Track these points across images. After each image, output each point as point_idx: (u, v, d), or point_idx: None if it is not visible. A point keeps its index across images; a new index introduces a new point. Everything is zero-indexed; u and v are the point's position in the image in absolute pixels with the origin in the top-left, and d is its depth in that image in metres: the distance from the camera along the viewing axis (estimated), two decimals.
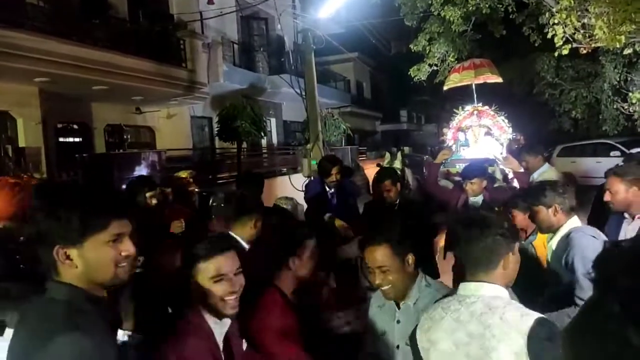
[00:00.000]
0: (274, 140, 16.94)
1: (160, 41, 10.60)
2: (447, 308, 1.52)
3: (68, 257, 1.15)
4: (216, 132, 10.73)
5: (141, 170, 6.08)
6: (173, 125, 12.60)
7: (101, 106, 10.65)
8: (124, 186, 5.95)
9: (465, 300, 1.48)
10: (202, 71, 11.36)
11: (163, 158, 6.67)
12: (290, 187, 8.11)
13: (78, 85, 8.76)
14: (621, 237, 2.72)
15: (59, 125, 10.09)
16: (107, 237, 1.19)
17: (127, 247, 1.22)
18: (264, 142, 15.19)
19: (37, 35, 7.19)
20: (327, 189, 4.40)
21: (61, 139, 10.16)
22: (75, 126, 10.66)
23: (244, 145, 11.02)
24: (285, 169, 13.51)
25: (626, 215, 2.73)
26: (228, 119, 9.85)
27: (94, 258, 1.17)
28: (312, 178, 5.40)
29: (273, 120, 16.78)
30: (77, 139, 10.68)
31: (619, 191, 2.62)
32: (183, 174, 4.20)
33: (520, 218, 3.21)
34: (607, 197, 2.70)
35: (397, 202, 4.02)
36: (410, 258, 1.89)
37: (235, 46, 14.49)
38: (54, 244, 1.14)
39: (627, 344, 0.40)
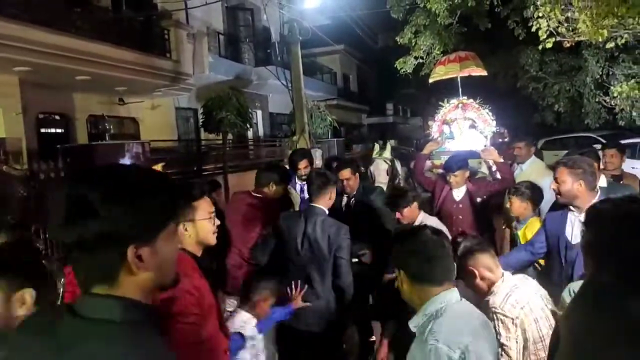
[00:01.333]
0: (260, 132, 16.86)
1: (144, 31, 10.46)
2: None
3: (140, 259, 0.92)
4: (201, 124, 10.64)
5: (124, 162, 6.01)
6: (157, 117, 12.46)
7: (84, 97, 10.48)
8: None
9: None
10: (187, 62, 11.23)
11: (147, 149, 6.59)
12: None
13: (60, 75, 8.60)
14: (568, 229, 2.73)
15: (40, 116, 9.91)
16: (174, 228, 1.01)
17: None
18: (250, 133, 15.11)
19: (17, 23, 7.03)
20: (298, 182, 4.38)
21: (42, 130, 9.98)
22: (57, 117, 10.48)
23: (230, 136, 10.94)
24: (271, 161, 13.47)
25: (572, 207, 2.73)
26: (213, 110, 9.77)
27: (165, 256, 0.97)
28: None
29: (259, 112, 16.70)
30: (58, 130, 10.50)
31: (566, 182, 2.64)
32: (156, 167, 4.14)
33: (517, 205, 3.35)
34: (553, 185, 2.72)
35: (355, 193, 3.99)
36: None
37: (221, 37, 14.34)
38: (127, 244, 0.90)
39: (625, 316, 0.40)
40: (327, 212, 3.01)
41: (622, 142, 10.74)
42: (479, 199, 4.07)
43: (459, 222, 4.06)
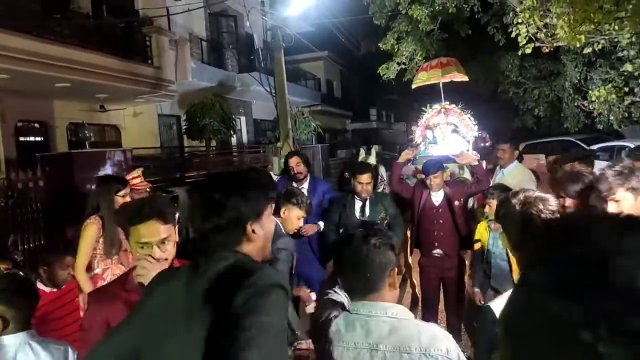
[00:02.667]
0: (244, 138, 16.79)
1: (125, 37, 10.36)
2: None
3: (254, 231, 1.37)
4: (184, 131, 10.55)
5: (106, 170, 5.90)
6: (140, 124, 12.32)
7: (64, 104, 10.32)
8: (88, 186, 5.77)
9: None
10: (169, 68, 11.14)
11: (129, 157, 6.49)
12: None
13: (39, 82, 8.45)
14: None
15: (19, 124, 9.72)
16: (270, 211, 1.47)
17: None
18: (234, 140, 15.05)
19: None
20: (295, 184, 4.35)
21: (21, 138, 9.79)
22: (36, 124, 10.29)
23: (213, 143, 10.89)
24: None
25: None
26: (196, 117, 9.71)
27: (267, 228, 1.44)
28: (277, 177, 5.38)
29: (243, 118, 16.64)
30: (38, 138, 10.32)
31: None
32: (135, 172, 4.05)
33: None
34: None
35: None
36: None
37: (204, 43, 14.27)
38: (247, 221, 1.36)
39: (549, 318, 0.41)
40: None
41: (603, 145, 11.02)
42: (457, 203, 4.10)
43: (440, 227, 4.08)
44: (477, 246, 3.77)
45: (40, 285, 2.81)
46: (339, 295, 1.72)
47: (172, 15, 11.70)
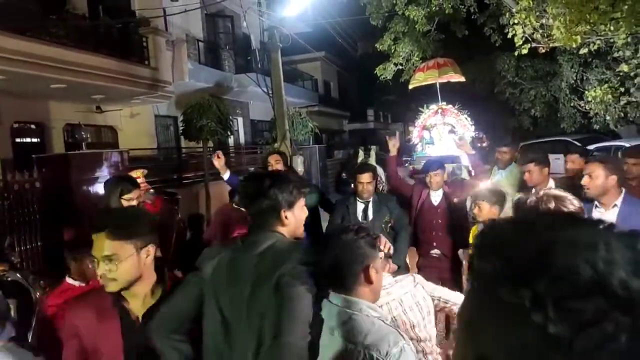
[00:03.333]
0: (242, 139, 16.77)
1: (122, 38, 10.32)
2: None
3: (286, 217, 1.78)
4: (181, 132, 10.53)
5: (102, 171, 5.89)
6: (136, 125, 12.29)
7: (60, 105, 10.29)
8: (84, 187, 5.77)
9: None
10: (166, 69, 11.12)
11: (125, 158, 6.48)
12: None
13: (35, 84, 8.42)
14: None
15: (15, 125, 9.68)
16: (302, 203, 1.86)
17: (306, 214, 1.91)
18: (231, 141, 15.02)
19: None
20: None
21: (17, 139, 9.76)
22: (32, 126, 10.25)
23: (211, 144, 10.87)
24: (252, 168, 13.41)
25: (597, 203, 2.79)
26: (193, 117, 9.69)
27: (298, 216, 1.83)
28: None
29: (240, 119, 16.62)
30: (34, 139, 10.28)
31: (599, 176, 2.70)
32: (135, 174, 3.99)
33: (487, 210, 3.24)
34: (585, 180, 2.77)
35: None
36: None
37: (201, 44, 14.25)
38: (281, 208, 1.77)
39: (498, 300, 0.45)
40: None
41: (599, 145, 11.05)
42: (455, 199, 4.10)
43: (438, 227, 4.09)
44: (470, 251, 3.68)
45: (69, 280, 2.84)
46: None
47: (169, 16, 11.68)
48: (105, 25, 10.12)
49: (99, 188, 5.82)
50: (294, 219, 1.81)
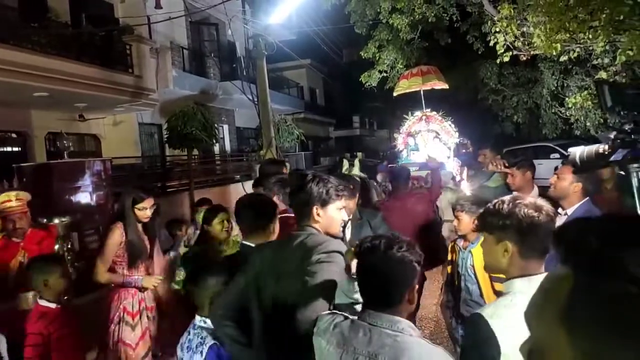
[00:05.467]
0: (227, 146, 16.70)
1: (105, 46, 10.24)
2: None
3: (318, 214, 1.93)
4: (165, 140, 10.45)
5: (84, 180, 5.81)
6: (120, 133, 12.17)
7: (42, 113, 10.14)
8: (66, 197, 5.68)
9: None
10: (150, 77, 11.05)
11: (108, 167, 6.40)
12: (243, 194, 8.03)
13: (16, 92, 8.30)
14: None
15: None
16: (339, 207, 1.98)
17: (345, 217, 2.03)
18: (216, 148, 14.95)
19: None
20: None
21: None
22: (13, 135, 10.09)
23: (196, 152, 10.80)
24: (238, 176, 13.35)
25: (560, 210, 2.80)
26: (177, 125, 9.62)
27: (331, 216, 1.95)
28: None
29: (225, 126, 16.56)
30: (15, 148, 10.11)
31: (566, 180, 2.75)
32: (5, 197, 3.54)
33: (466, 222, 2.98)
34: (552, 179, 2.83)
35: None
36: None
37: (185, 52, 14.20)
38: (313, 204, 1.92)
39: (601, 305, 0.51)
40: None
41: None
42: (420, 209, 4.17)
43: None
44: (448, 269, 3.32)
45: (43, 302, 2.69)
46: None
47: (153, 24, 11.62)
48: (88, 33, 10.04)
49: (80, 197, 5.73)
50: (327, 217, 1.94)
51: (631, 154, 1.56)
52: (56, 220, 4.03)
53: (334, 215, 1.97)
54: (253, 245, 2.35)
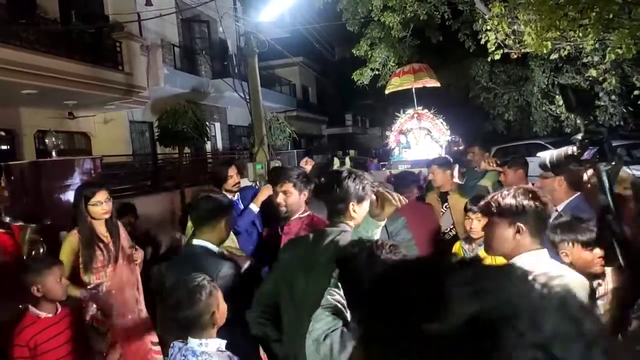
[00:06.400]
0: (219, 144, 16.64)
1: (95, 43, 10.15)
2: None
3: (354, 211, 1.94)
4: (157, 137, 10.39)
5: (74, 179, 5.75)
6: (110, 131, 12.08)
7: (31, 111, 10.04)
8: (55, 195, 5.62)
9: None
10: (140, 74, 10.96)
11: (98, 165, 6.35)
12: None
13: (4, 89, 8.20)
14: None
15: None
16: (374, 204, 1.87)
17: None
18: (208, 146, 14.88)
19: None
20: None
21: None
22: (2, 133, 9.98)
23: (187, 150, 10.74)
24: None
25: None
26: (168, 123, 9.56)
27: (366, 212, 1.89)
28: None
29: (217, 124, 16.49)
30: (4, 147, 10.00)
31: (549, 176, 2.82)
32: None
33: (478, 224, 2.96)
34: (537, 183, 2.92)
35: None
36: None
37: (176, 49, 14.11)
38: (350, 201, 1.93)
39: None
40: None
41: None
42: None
43: None
44: None
45: (34, 311, 2.51)
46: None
47: (144, 21, 11.52)
48: (78, 30, 9.94)
49: (70, 196, 5.68)
50: (362, 213, 1.94)
51: (598, 153, 1.61)
52: (20, 223, 3.66)
53: (366, 210, 1.99)
54: (203, 243, 2.35)
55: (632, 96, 8.76)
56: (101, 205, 3.05)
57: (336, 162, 8.43)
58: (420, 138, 8.21)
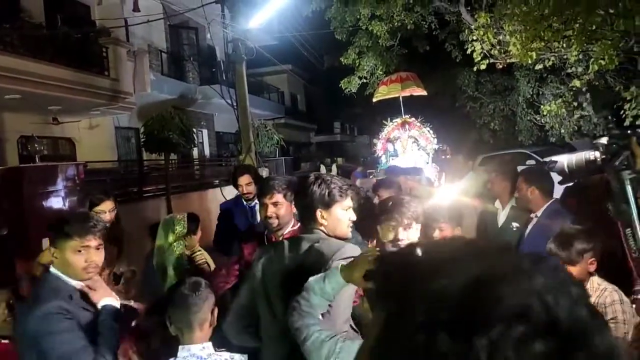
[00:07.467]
0: (206, 151, 16.53)
1: (81, 48, 10.04)
2: None
3: (322, 217, 1.86)
4: (142, 144, 10.28)
5: (57, 185, 5.65)
6: (96, 137, 11.93)
7: (14, 116, 9.87)
8: (38, 202, 5.52)
9: None
10: (127, 80, 10.87)
11: (82, 171, 6.25)
12: (222, 200, 7.92)
13: None
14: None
15: None
16: (345, 207, 1.89)
17: (353, 216, 1.94)
18: (195, 153, 14.78)
19: None
20: (245, 204, 3.76)
21: None
22: None
23: (174, 156, 10.65)
24: (217, 181, 13.21)
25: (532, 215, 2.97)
26: (155, 129, 9.48)
27: (337, 218, 1.88)
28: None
29: (205, 131, 16.40)
30: None
31: (522, 189, 2.96)
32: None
33: (450, 234, 2.84)
34: (516, 194, 3.07)
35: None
36: None
37: (164, 55, 14.04)
38: (316, 208, 1.86)
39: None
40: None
41: (556, 157, 11.47)
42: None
43: None
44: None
45: None
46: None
47: (131, 27, 11.46)
48: (64, 35, 9.83)
49: (53, 202, 5.58)
50: (332, 219, 1.87)
51: (625, 161, 1.53)
52: None
53: (340, 217, 1.89)
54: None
55: (615, 106, 8.92)
56: (104, 214, 3.02)
57: (322, 170, 8.42)
58: (407, 146, 8.24)
